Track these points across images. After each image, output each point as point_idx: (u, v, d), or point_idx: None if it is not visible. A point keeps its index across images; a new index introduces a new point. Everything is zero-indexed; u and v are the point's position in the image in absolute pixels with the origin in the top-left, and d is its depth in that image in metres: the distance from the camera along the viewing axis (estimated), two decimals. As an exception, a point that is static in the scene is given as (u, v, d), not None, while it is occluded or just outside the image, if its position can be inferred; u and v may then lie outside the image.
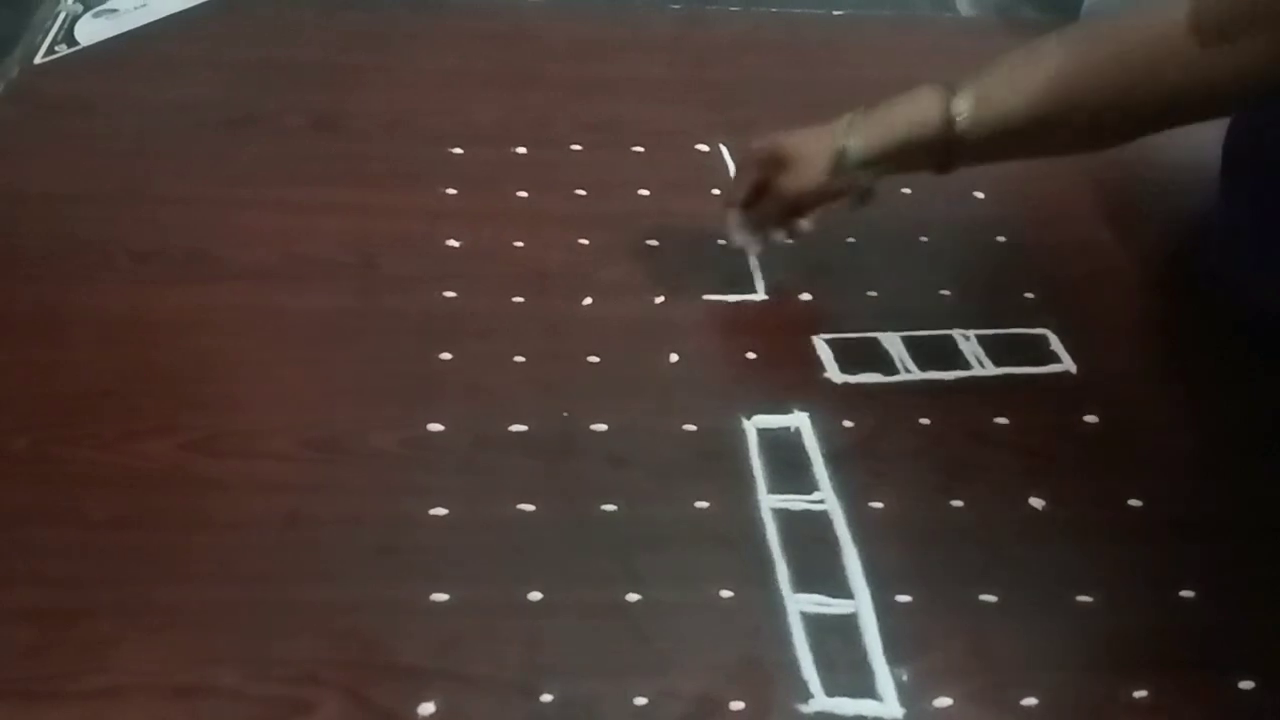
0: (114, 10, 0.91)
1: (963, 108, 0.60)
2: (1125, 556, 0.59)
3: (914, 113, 0.62)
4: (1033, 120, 0.60)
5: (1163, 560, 0.59)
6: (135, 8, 0.91)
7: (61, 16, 0.90)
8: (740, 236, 0.69)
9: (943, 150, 0.62)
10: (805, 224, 0.68)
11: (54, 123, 0.80)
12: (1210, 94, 0.57)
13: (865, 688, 0.52)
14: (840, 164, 0.63)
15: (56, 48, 0.86)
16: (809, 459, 0.61)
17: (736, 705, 0.51)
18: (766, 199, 0.67)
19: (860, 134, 0.63)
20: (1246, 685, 0.53)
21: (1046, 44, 0.61)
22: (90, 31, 0.88)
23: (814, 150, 0.64)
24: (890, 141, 0.62)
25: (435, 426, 0.61)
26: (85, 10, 0.91)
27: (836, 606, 0.55)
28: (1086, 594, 0.56)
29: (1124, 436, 0.64)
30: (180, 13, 0.91)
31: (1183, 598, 0.57)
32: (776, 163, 0.66)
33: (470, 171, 0.79)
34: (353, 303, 0.68)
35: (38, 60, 0.85)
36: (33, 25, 0.90)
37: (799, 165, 0.65)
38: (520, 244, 0.73)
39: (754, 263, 0.73)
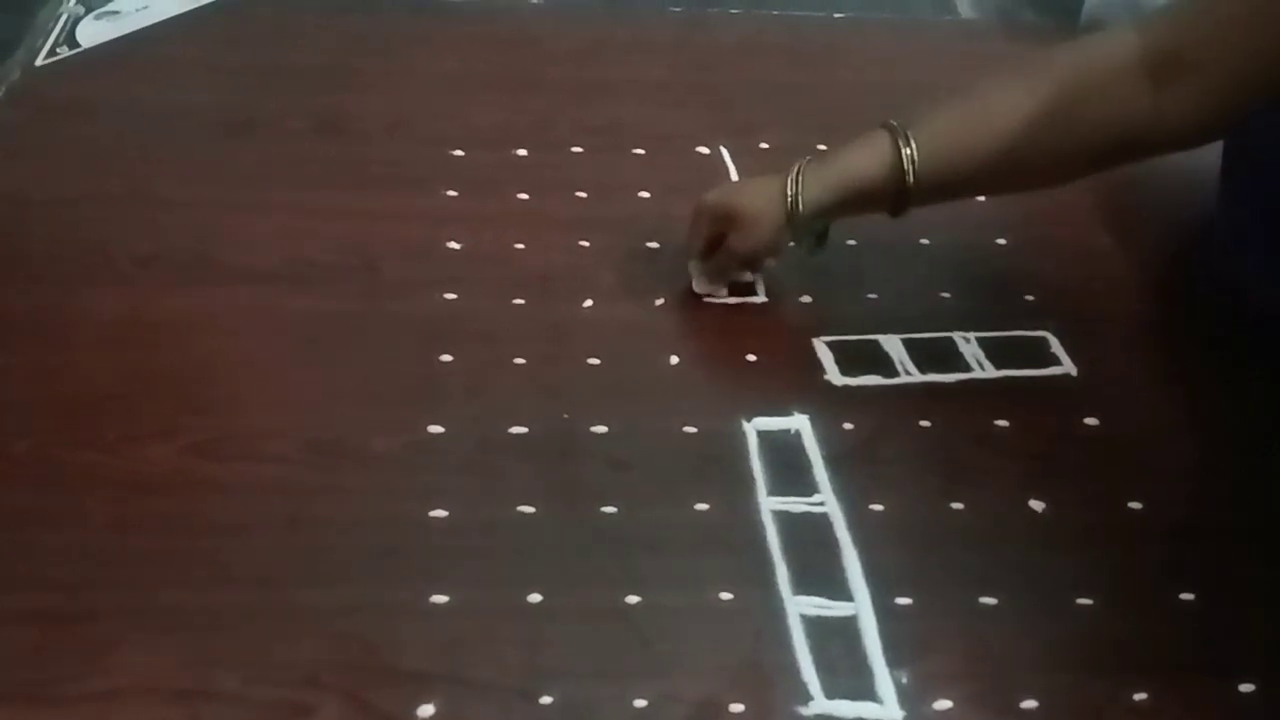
0: (116, 12, 0.91)
1: (913, 156, 0.61)
2: (1125, 559, 0.59)
3: (864, 163, 0.62)
4: (985, 167, 0.61)
5: (1163, 563, 0.59)
6: (137, 10, 0.91)
7: (63, 18, 0.90)
8: (702, 285, 0.70)
9: (894, 197, 0.62)
10: (748, 277, 0.70)
11: (56, 125, 0.80)
12: (1165, 134, 0.58)
13: (865, 690, 0.52)
14: (792, 218, 0.64)
15: (58, 50, 0.87)
16: (809, 461, 0.62)
17: (737, 708, 0.51)
18: (722, 252, 0.68)
19: (811, 186, 0.63)
20: (1247, 688, 0.53)
21: (997, 87, 0.62)
22: (92, 33, 0.89)
23: (764, 207, 0.64)
24: (841, 192, 0.63)
25: (436, 429, 0.62)
26: (87, 12, 0.91)
27: (837, 609, 0.55)
28: (1087, 597, 0.56)
29: (1124, 439, 0.65)
30: (182, 15, 0.91)
31: (1183, 600, 0.57)
32: (728, 220, 0.66)
33: (471, 174, 0.79)
34: (354, 305, 0.68)
35: (39, 62, 0.86)
36: (35, 27, 0.90)
37: (750, 223, 0.65)
38: (521, 246, 0.73)
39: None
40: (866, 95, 0.71)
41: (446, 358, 0.66)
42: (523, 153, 0.81)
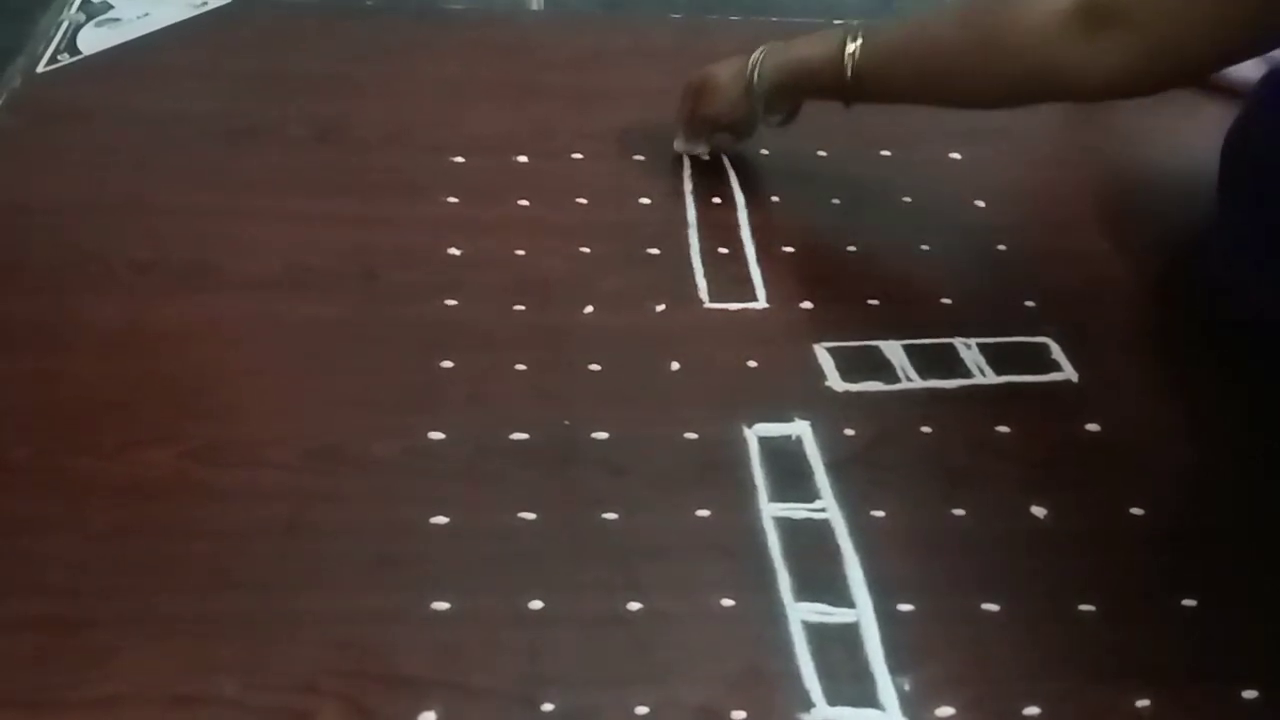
0: (116, 20, 0.91)
1: (855, 54, 0.68)
2: (1127, 565, 0.58)
3: (814, 52, 0.70)
4: (917, 77, 0.68)
5: (1165, 568, 0.58)
6: (138, 17, 0.91)
7: (65, 26, 0.90)
8: (679, 144, 0.80)
9: (836, 87, 0.69)
10: (725, 140, 0.80)
11: (56, 132, 0.80)
12: (1091, 82, 0.61)
13: (867, 697, 0.52)
14: (750, 89, 0.73)
15: (59, 57, 0.87)
16: (810, 468, 0.61)
17: (738, 715, 0.51)
18: (695, 115, 0.78)
19: (767, 65, 0.72)
20: (1249, 695, 0.53)
21: (942, 11, 0.69)
22: (93, 41, 0.89)
23: (729, 79, 0.75)
24: (792, 74, 0.72)
25: (436, 435, 0.61)
26: (88, 20, 0.91)
27: (838, 615, 0.55)
28: (1088, 603, 0.56)
29: (1125, 444, 0.64)
30: (182, 22, 0.91)
31: (1185, 606, 0.57)
32: (700, 89, 0.77)
33: (471, 181, 0.79)
34: (354, 312, 0.68)
35: (40, 69, 0.86)
36: (36, 34, 0.90)
37: (716, 92, 0.76)
38: (522, 253, 0.73)
39: (755, 271, 0.73)
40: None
41: (447, 364, 0.66)
42: (523, 159, 0.81)
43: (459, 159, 0.80)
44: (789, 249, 0.75)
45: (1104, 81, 0.60)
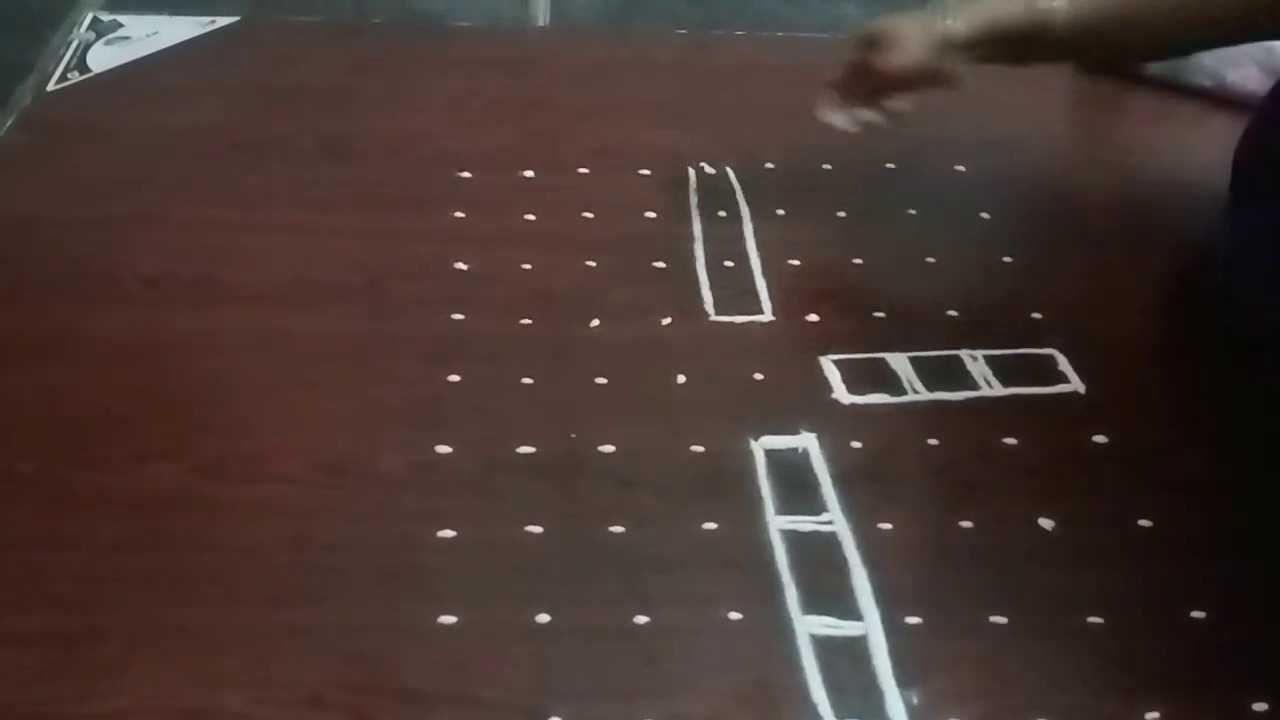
0: (126, 38, 0.92)
1: (1059, 5, 0.63)
2: (1135, 577, 0.58)
3: (1019, 4, 0.64)
4: (1118, 18, 0.63)
5: (1173, 580, 0.58)
6: (147, 35, 0.92)
7: (75, 44, 0.91)
8: (835, 116, 0.70)
9: (1033, 38, 0.64)
10: (902, 104, 0.69)
11: (66, 148, 0.81)
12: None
13: (875, 710, 0.52)
14: (944, 44, 0.65)
15: (69, 75, 0.87)
16: (817, 480, 0.61)
17: (746, 728, 0.51)
18: (863, 77, 0.68)
19: (962, 16, 0.65)
20: (1260, 707, 0.53)
21: None
22: (103, 59, 0.89)
23: (914, 31, 0.66)
24: (990, 24, 0.65)
25: (443, 449, 0.61)
26: (98, 38, 0.92)
27: (846, 628, 0.55)
28: (1097, 615, 0.56)
29: (1133, 456, 0.64)
30: (191, 40, 0.92)
31: (1194, 618, 0.56)
32: (875, 43, 0.67)
33: (478, 195, 0.79)
34: (361, 326, 0.69)
35: (51, 87, 0.86)
36: (46, 53, 0.91)
37: (899, 44, 0.66)
38: (528, 266, 0.74)
39: (761, 284, 0.73)
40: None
41: (454, 378, 0.66)
42: (529, 174, 0.81)
43: (465, 174, 0.81)
44: (794, 262, 0.75)
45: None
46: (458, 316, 0.70)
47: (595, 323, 0.70)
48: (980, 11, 0.65)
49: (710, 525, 0.59)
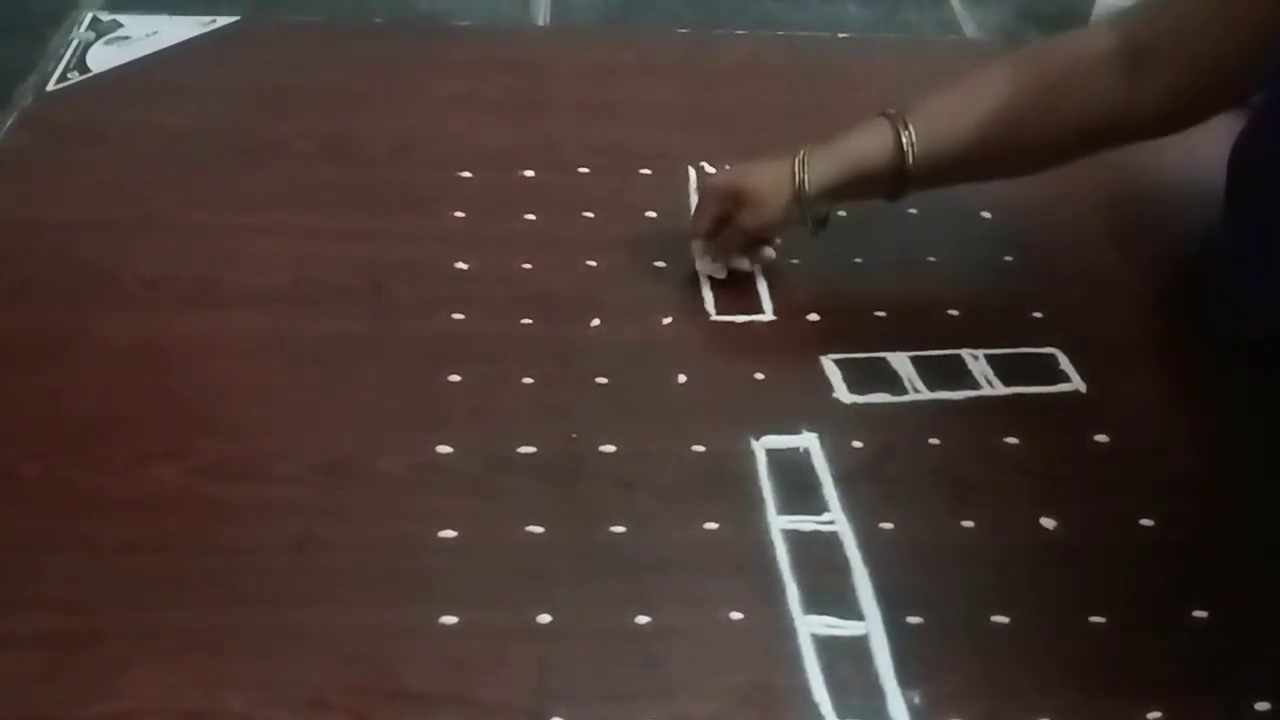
0: (126, 38, 0.92)
1: (912, 141, 0.65)
2: (1137, 577, 0.58)
3: (867, 147, 0.66)
4: (976, 152, 0.65)
5: (1175, 580, 0.58)
6: (147, 35, 0.92)
7: (74, 44, 0.91)
8: (705, 265, 0.72)
9: (894, 180, 0.66)
10: (769, 252, 0.72)
11: (66, 149, 0.81)
12: (1139, 122, 0.63)
13: (877, 711, 0.52)
14: (799, 199, 0.67)
15: (69, 75, 0.87)
16: (818, 480, 0.61)
17: (747, 729, 0.51)
18: (728, 230, 0.70)
19: (816, 168, 0.66)
20: (1262, 707, 0.53)
21: (986, 76, 0.67)
22: (103, 59, 0.89)
23: (772, 186, 0.67)
24: (846, 175, 0.66)
25: (444, 449, 0.62)
26: (98, 38, 0.92)
27: (847, 629, 0.55)
28: (1099, 615, 0.56)
29: (1134, 456, 0.64)
30: (191, 40, 0.92)
31: (1196, 618, 0.56)
32: (736, 199, 0.68)
33: (478, 195, 0.79)
34: (362, 326, 0.69)
35: (51, 87, 0.86)
36: (46, 53, 0.91)
37: (758, 202, 0.68)
38: (528, 266, 0.74)
39: (762, 283, 0.73)
40: (869, 114, 0.72)
41: (454, 378, 0.66)
42: (530, 174, 0.81)
43: (466, 174, 0.81)
44: (795, 261, 0.75)
45: (1151, 118, 0.62)
46: (458, 316, 0.70)
47: (596, 323, 0.70)
48: (833, 162, 0.66)
49: (711, 525, 0.59)
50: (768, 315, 0.71)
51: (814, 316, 0.72)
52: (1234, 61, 0.59)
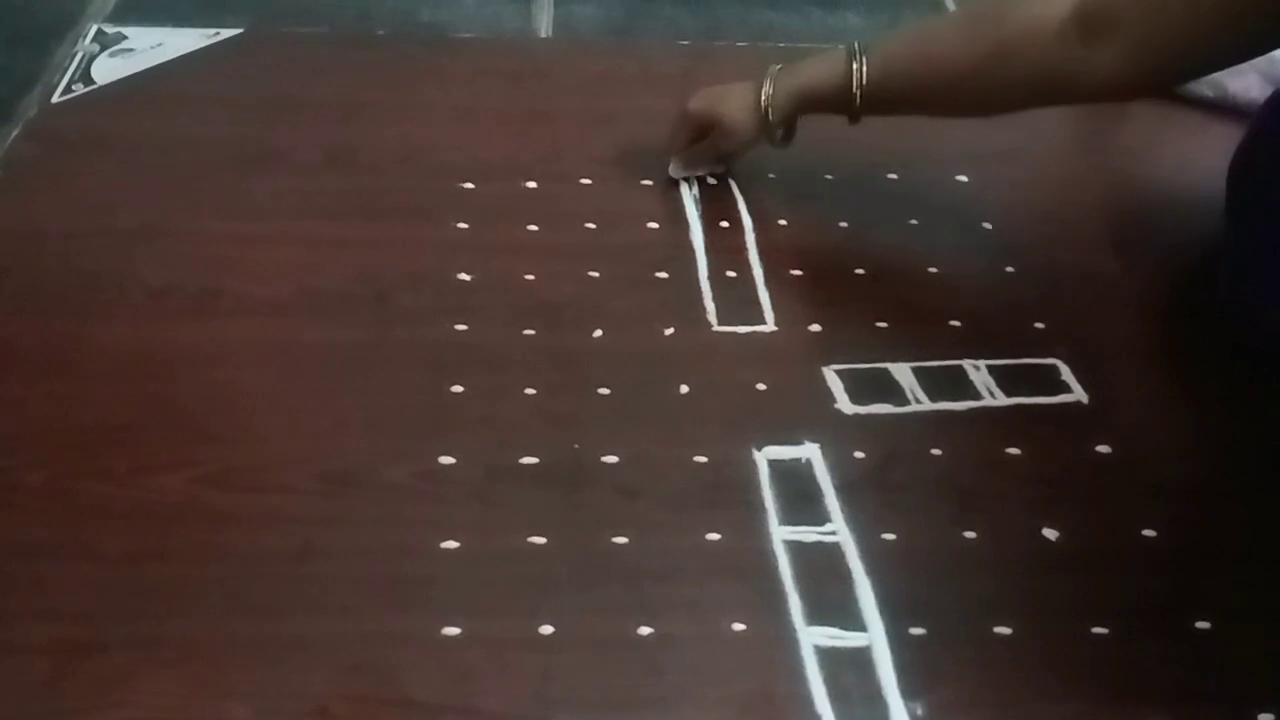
0: (130, 50, 0.92)
1: (863, 74, 0.70)
2: (1139, 587, 0.58)
3: (823, 75, 0.72)
4: (924, 94, 0.70)
5: (1177, 590, 0.58)
6: (151, 47, 0.92)
7: (79, 56, 0.91)
8: (679, 171, 0.81)
9: (848, 103, 0.71)
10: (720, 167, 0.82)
11: (71, 160, 0.81)
12: (1092, 86, 0.63)
13: (879, 721, 0.52)
14: (764, 124, 0.75)
15: (74, 87, 0.88)
16: (820, 490, 0.61)
17: (750, 739, 0.51)
18: (703, 147, 0.80)
19: (779, 96, 0.74)
20: (1265, 717, 0.53)
21: (943, 26, 0.74)
22: (107, 71, 0.90)
23: (741, 115, 0.75)
24: (803, 100, 0.74)
25: (446, 459, 0.62)
26: (102, 50, 0.92)
27: (849, 639, 0.55)
28: (1101, 625, 0.56)
29: (1136, 466, 0.64)
30: (195, 51, 0.92)
31: (1199, 628, 0.56)
32: (710, 125, 0.77)
33: (481, 205, 0.79)
34: (365, 336, 0.69)
35: (56, 99, 0.87)
36: (52, 65, 0.91)
37: (729, 128, 0.76)
38: (531, 277, 0.74)
39: (764, 294, 0.73)
40: (869, 122, 0.72)
41: (457, 388, 0.66)
42: (532, 184, 0.82)
43: (469, 184, 0.81)
44: (797, 271, 0.75)
45: (1102, 84, 0.63)
46: (461, 327, 0.70)
47: (598, 333, 0.70)
48: (794, 85, 0.73)
49: (713, 535, 0.59)
50: (770, 326, 0.71)
51: (816, 327, 0.72)
52: (1190, 40, 0.60)
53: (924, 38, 0.72)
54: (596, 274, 0.74)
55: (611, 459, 0.62)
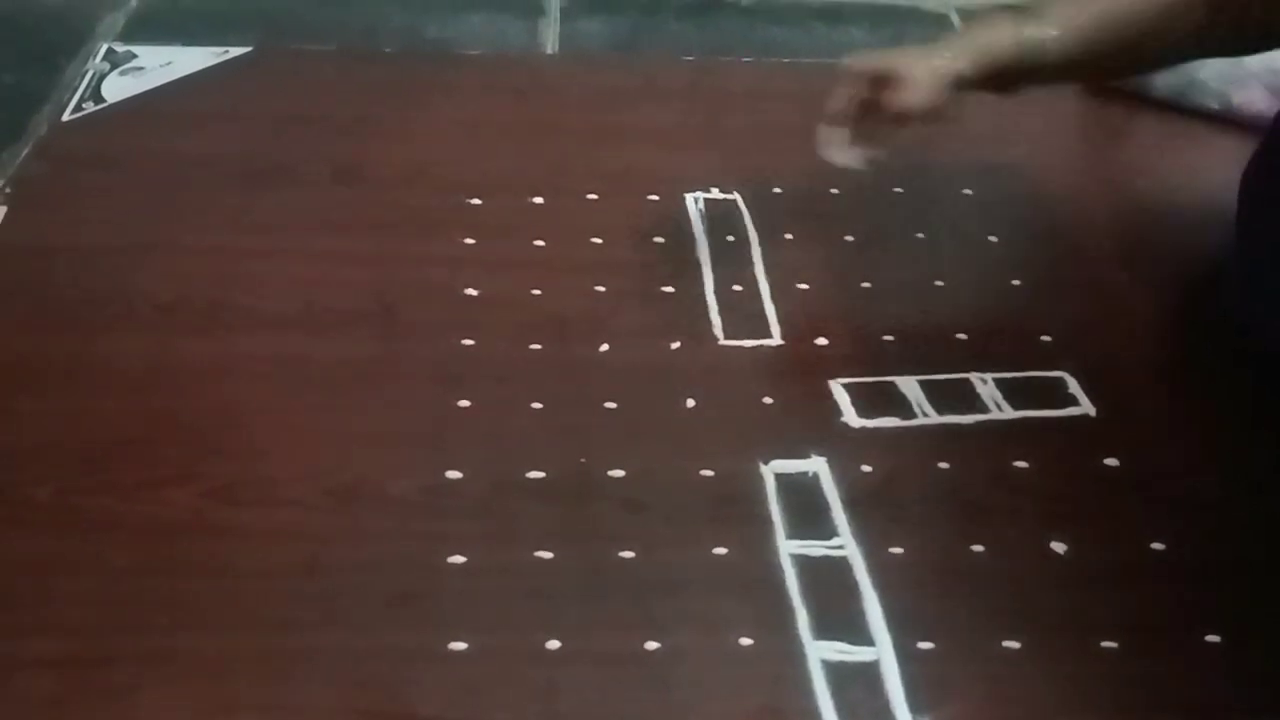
0: (140, 69, 0.93)
1: (1051, 34, 0.65)
2: (1149, 601, 0.58)
3: (1012, 37, 0.66)
4: (1106, 41, 0.66)
5: (1187, 604, 0.58)
6: (161, 66, 0.93)
7: (90, 75, 0.92)
8: (842, 154, 0.69)
9: (1026, 68, 0.66)
10: (897, 140, 0.69)
11: (80, 177, 0.82)
12: (1217, 47, 0.69)
13: (888, 736, 0.51)
14: (954, 82, 0.65)
15: (84, 105, 0.88)
16: (828, 504, 0.61)
17: (757, 754, 0.50)
18: (871, 115, 0.67)
19: (961, 54, 0.66)
20: (1277, 732, 0.53)
21: None
22: (117, 89, 0.90)
23: (923, 70, 0.65)
24: (985, 58, 0.66)
25: (453, 474, 0.62)
26: (112, 69, 0.93)
27: (858, 654, 0.54)
28: (1111, 639, 0.56)
29: (1145, 479, 0.64)
30: (204, 70, 0.93)
31: (1208, 642, 0.56)
32: (883, 80, 0.66)
33: (488, 221, 0.80)
34: (372, 351, 0.69)
35: (66, 117, 0.87)
36: (62, 83, 0.92)
37: (909, 83, 0.65)
38: (538, 292, 0.74)
39: (770, 308, 0.73)
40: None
41: (464, 402, 0.66)
42: (539, 199, 0.82)
43: (475, 199, 0.81)
44: (803, 286, 0.75)
45: (1215, 49, 0.69)
46: (468, 341, 0.70)
47: (605, 347, 0.70)
48: (976, 47, 0.66)
49: (720, 550, 0.59)
50: (776, 339, 0.71)
51: (822, 340, 0.72)
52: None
53: (1080, 5, 0.67)
54: (603, 288, 0.74)
55: (618, 473, 0.62)
